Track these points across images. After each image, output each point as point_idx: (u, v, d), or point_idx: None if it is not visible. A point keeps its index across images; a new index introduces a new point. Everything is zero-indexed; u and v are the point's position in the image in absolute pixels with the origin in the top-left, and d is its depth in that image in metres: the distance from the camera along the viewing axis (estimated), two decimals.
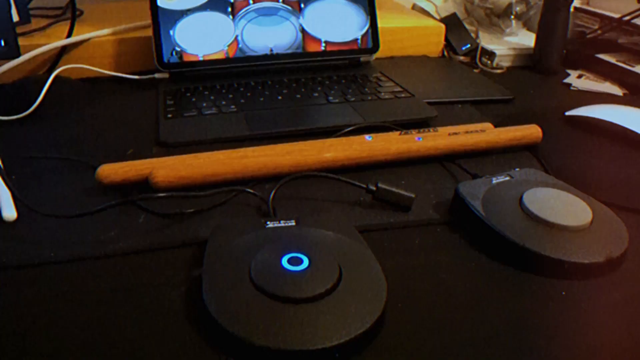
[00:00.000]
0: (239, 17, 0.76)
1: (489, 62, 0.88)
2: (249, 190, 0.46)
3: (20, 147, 0.58)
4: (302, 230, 0.39)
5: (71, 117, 0.66)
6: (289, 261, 0.34)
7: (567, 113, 0.66)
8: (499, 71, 0.86)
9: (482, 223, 0.42)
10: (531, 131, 0.58)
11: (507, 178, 0.47)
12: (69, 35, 0.77)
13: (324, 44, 0.79)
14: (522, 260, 0.40)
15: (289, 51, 0.78)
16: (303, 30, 0.78)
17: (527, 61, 0.89)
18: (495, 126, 0.60)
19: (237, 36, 0.76)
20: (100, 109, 0.68)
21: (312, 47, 0.79)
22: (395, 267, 0.39)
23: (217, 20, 0.75)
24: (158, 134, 0.59)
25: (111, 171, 0.48)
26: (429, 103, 0.70)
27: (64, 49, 0.77)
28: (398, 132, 0.56)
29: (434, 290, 0.37)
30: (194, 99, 0.68)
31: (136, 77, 0.77)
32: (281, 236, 0.37)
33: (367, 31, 0.80)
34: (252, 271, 0.34)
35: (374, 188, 0.46)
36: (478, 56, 0.88)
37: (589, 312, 0.36)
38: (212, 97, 0.69)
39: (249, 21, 0.76)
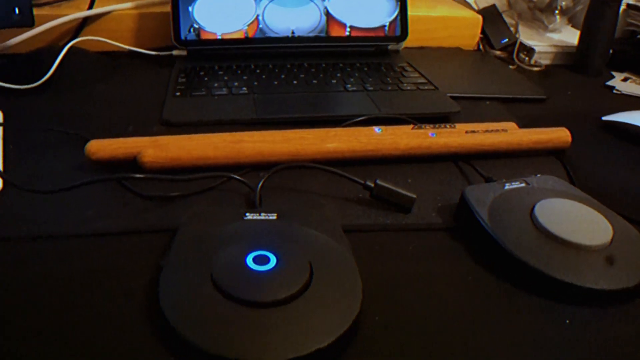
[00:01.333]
0: None
1: (526, 58, 0.82)
2: (236, 177, 0.43)
3: (25, 117, 0.57)
4: (280, 225, 0.35)
5: (82, 90, 0.65)
6: (255, 260, 0.31)
7: (604, 118, 0.60)
8: (536, 69, 0.80)
9: (486, 233, 0.38)
10: (559, 135, 0.53)
11: (523, 184, 0.43)
12: (90, 7, 0.76)
13: (348, 29, 0.75)
14: (525, 279, 0.35)
15: (312, 34, 0.74)
16: (328, 14, 0.74)
17: (569, 60, 0.82)
18: (522, 127, 0.55)
19: (258, 16, 0.73)
20: (113, 84, 0.67)
21: (336, 32, 0.75)
22: (380, 273, 0.36)
23: None
24: (162, 112, 0.57)
25: (99, 147, 0.46)
26: (453, 97, 0.65)
27: (84, 21, 0.76)
28: (411, 126, 0.52)
29: (420, 304, 0.34)
30: (206, 79, 0.66)
31: (153, 52, 0.76)
32: (255, 231, 0.34)
33: (396, 18, 0.76)
34: (213, 269, 0.31)
35: (372, 185, 0.42)
36: (515, 52, 0.82)
37: (593, 346, 0.31)
38: (225, 78, 0.66)
39: (271, 1, 0.73)
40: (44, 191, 0.40)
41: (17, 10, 0.62)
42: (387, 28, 0.76)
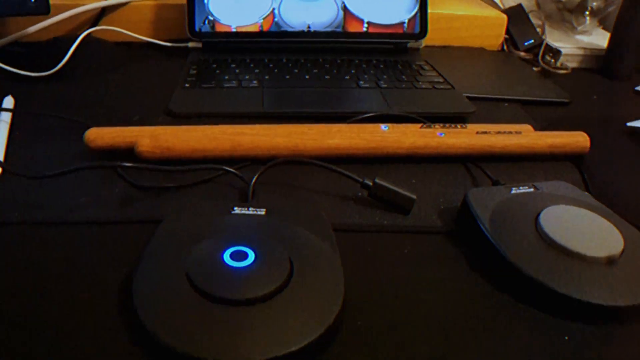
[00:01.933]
0: None
1: (552, 60, 0.78)
2: (231, 170, 0.42)
3: (36, 104, 0.57)
4: (266, 221, 0.34)
5: (94, 78, 0.65)
6: (232, 255, 0.30)
7: (629, 124, 0.57)
8: (562, 72, 0.77)
9: (486, 239, 0.35)
10: (577, 139, 0.50)
11: (531, 190, 0.40)
12: None
13: (366, 25, 0.73)
14: (524, 290, 0.33)
15: (328, 29, 0.73)
16: (345, 9, 0.73)
17: (598, 63, 0.79)
18: (541, 130, 0.52)
19: (274, 9, 0.71)
20: (125, 73, 0.67)
21: (353, 27, 0.73)
22: (369, 276, 0.34)
23: None
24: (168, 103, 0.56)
25: (97, 135, 0.45)
26: (470, 98, 0.63)
27: (103, 11, 0.76)
28: (419, 125, 0.50)
29: (407, 312, 0.32)
30: (218, 71, 0.65)
31: (169, 44, 0.75)
32: (237, 226, 0.33)
33: (415, 15, 0.74)
34: (188, 265, 0.29)
35: (370, 183, 0.41)
36: (541, 53, 0.79)
37: None
38: (237, 71, 0.65)
39: None
40: (29, 176, 0.39)
41: None
42: (405, 25, 0.74)
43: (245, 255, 0.30)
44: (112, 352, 0.27)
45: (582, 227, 0.35)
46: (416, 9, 0.73)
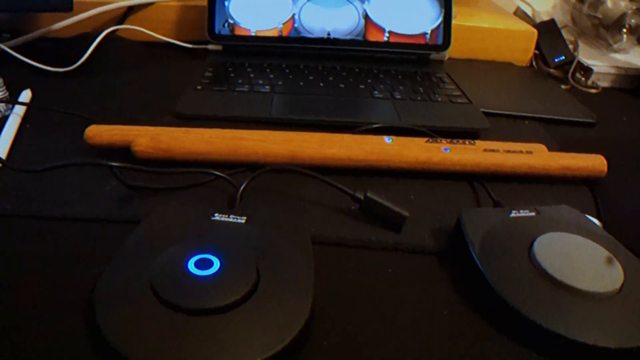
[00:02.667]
0: None
1: (583, 79, 0.75)
2: (221, 175, 0.41)
3: (51, 98, 0.58)
4: (243, 229, 0.33)
5: (111, 76, 0.65)
6: (197, 263, 0.29)
7: None
8: (593, 91, 0.73)
9: (473, 263, 0.33)
10: (593, 162, 0.47)
11: (532, 214, 0.38)
12: None
13: (387, 34, 0.72)
14: (510, 323, 0.31)
15: (348, 37, 0.71)
16: (366, 17, 0.71)
17: (632, 84, 0.75)
18: (560, 150, 0.49)
19: (294, 14, 0.71)
20: (142, 73, 0.67)
21: (373, 36, 0.72)
22: (345, 294, 0.32)
23: None
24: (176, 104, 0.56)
25: (97, 132, 0.45)
26: (488, 114, 0.60)
27: (129, 10, 0.77)
28: (425, 139, 0.48)
29: (378, 334, 0.30)
30: (232, 75, 0.64)
31: (190, 45, 0.76)
32: (211, 233, 0.32)
33: (439, 26, 0.72)
34: (152, 271, 0.28)
35: (362, 197, 0.39)
36: (571, 71, 0.75)
37: None
38: (251, 75, 0.64)
39: (309, 0, 0.71)
40: (22, 170, 0.39)
41: None
42: (428, 36, 0.72)
43: (210, 264, 0.29)
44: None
45: (579, 258, 0.33)
46: (440, 20, 0.71)
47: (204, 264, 0.29)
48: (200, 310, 0.27)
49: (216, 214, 0.35)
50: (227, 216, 0.34)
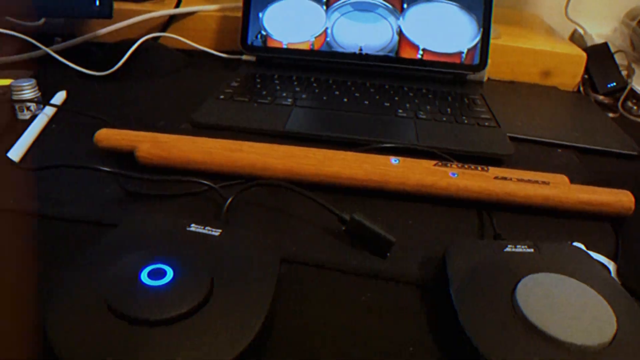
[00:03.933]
0: (333, 8, 0.70)
1: (634, 107, 0.69)
2: (213, 185, 0.41)
3: (83, 101, 0.60)
4: (214, 241, 0.32)
5: (143, 82, 0.67)
6: (150, 274, 0.28)
7: None
8: None
9: (449, 301, 0.31)
10: (618, 198, 0.43)
11: (530, 250, 0.35)
12: (177, 5, 0.79)
13: (421, 52, 0.70)
14: None
15: (380, 53, 0.70)
16: (400, 33, 0.69)
17: None
18: (590, 183, 0.46)
19: (327, 29, 0.70)
20: (175, 80, 0.69)
21: (407, 54, 0.70)
22: (308, 317, 0.31)
23: (309, 8, 0.70)
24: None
25: (105, 136, 0.46)
26: (517, 139, 0.57)
27: (171, 19, 0.80)
28: (434, 162, 0.46)
29: None
30: (258, 86, 0.65)
31: (225, 55, 0.77)
32: (176, 243, 0.32)
33: (476, 45, 0.69)
34: (106, 281, 0.28)
35: (348, 218, 0.37)
36: (622, 98, 0.70)
37: None
38: (277, 87, 0.64)
39: (342, 14, 0.70)
40: (23, 167, 0.41)
41: (97, 2, 0.67)
42: (464, 55, 0.69)
43: (163, 274, 0.28)
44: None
45: (567, 304, 0.29)
46: (477, 39, 0.69)
47: (157, 274, 0.28)
48: (146, 321, 0.26)
49: (192, 225, 0.34)
50: (202, 227, 0.34)
